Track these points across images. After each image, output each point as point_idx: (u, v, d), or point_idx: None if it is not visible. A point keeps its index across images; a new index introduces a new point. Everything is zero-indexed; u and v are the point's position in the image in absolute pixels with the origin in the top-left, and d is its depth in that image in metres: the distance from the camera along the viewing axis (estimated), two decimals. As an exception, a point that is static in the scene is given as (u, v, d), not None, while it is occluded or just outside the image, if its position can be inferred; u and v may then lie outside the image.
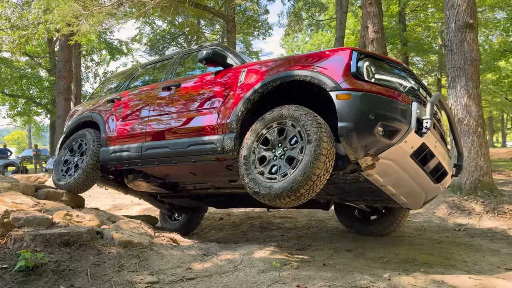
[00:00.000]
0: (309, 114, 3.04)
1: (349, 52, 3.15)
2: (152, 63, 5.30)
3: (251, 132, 3.34)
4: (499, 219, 4.85)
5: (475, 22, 5.82)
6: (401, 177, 3.32)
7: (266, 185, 3.06)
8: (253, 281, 2.85)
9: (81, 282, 2.73)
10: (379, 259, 3.48)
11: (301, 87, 3.36)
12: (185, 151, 3.80)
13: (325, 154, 2.89)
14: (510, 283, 2.89)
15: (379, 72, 3.14)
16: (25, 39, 11.98)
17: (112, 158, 4.46)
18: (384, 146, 2.96)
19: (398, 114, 2.96)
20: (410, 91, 3.23)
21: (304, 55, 3.43)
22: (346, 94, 2.96)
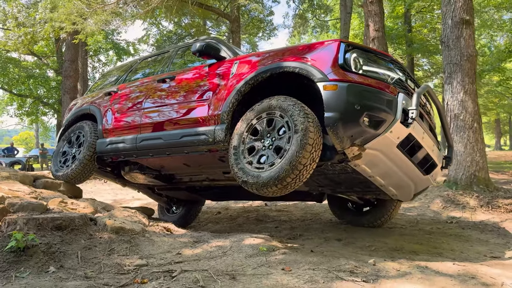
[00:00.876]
0: (297, 105, 3.09)
1: (337, 43, 3.20)
2: (150, 56, 5.38)
3: (241, 122, 3.40)
4: (493, 213, 4.86)
5: (471, 18, 5.85)
6: (388, 168, 3.36)
7: (254, 174, 3.12)
8: (239, 264, 2.91)
9: (71, 263, 2.80)
10: (368, 247, 3.52)
11: (292, 79, 3.40)
12: (178, 142, 3.87)
13: (311, 144, 2.94)
14: (493, 269, 2.92)
15: (367, 63, 3.20)
16: (30, 36, 12.14)
17: (108, 150, 4.55)
18: (370, 136, 3.01)
19: (383, 104, 3.00)
20: (397, 83, 3.27)
21: (294, 47, 3.50)
22: (333, 85, 3.01)
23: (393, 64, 3.42)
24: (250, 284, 2.47)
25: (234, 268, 2.78)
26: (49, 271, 2.64)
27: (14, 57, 25.06)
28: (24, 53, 20.00)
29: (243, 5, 15.82)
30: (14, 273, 2.55)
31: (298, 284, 2.49)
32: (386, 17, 23.48)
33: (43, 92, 27.42)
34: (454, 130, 5.86)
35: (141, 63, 5.37)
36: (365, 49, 3.35)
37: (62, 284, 2.44)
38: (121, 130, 4.52)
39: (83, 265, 2.80)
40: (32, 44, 22.21)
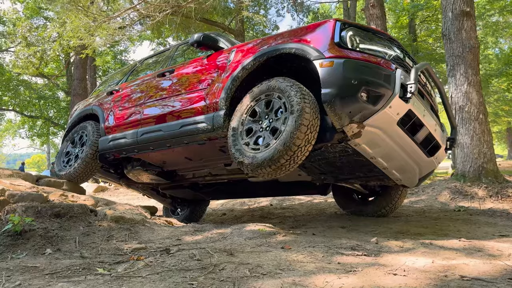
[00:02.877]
0: (295, 86, 3.06)
1: (333, 22, 3.20)
2: (150, 56, 5.46)
3: (240, 105, 3.40)
4: (503, 202, 4.74)
5: (472, 10, 5.82)
6: (390, 148, 3.29)
7: (250, 155, 3.11)
8: (238, 244, 2.86)
9: (69, 247, 2.77)
10: (371, 232, 3.44)
11: (291, 61, 3.40)
12: (178, 132, 3.86)
13: (307, 124, 2.90)
14: (500, 244, 2.83)
15: (364, 41, 3.18)
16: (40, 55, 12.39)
17: (110, 146, 4.57)
18: (368, 112, 2.95)
19: (381, 79, 2.96)
20: (395, 59, 3.23)
21: (291, 30, 3.49)
22: (329, 62, 2.99)
23: (390, 42, 3.40)
24: (248, 259, 2.41)
25: (232, 247, 2.73)
26: (46, 253, 2.62)
27: (25, 79, 25.59)
28: (33, 74, 20.37)
29: (247, 17, 15.98)
30: (10, 254, 2.53)
31: (297, 258, 2.44)
32: (390, 28, 23.68)
33: (53, 113, 27.86)
34: (460, 122, 5.77)
35: (142, 64, 5.45)
36: (362, 27, 3.34)
37: (56, 261, 2.41)
38: (122, 126, 4.55)
39: (80, 249, 2.77)
40: (43, 66, 22.75)
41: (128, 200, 9.32)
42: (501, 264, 2.21)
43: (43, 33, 13.64)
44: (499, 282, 1.87)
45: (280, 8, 22.99)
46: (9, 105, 26.48)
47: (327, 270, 2.18)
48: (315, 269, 2.20)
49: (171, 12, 11.86)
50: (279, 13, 28.78)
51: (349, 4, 18.48)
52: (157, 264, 2.31)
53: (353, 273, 2.13)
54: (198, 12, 13.32)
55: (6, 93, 25.21)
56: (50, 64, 25.01)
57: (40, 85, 27.72)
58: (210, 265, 2.24)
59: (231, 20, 18.91)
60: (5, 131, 33.63)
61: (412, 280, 1.96)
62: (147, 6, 11.69)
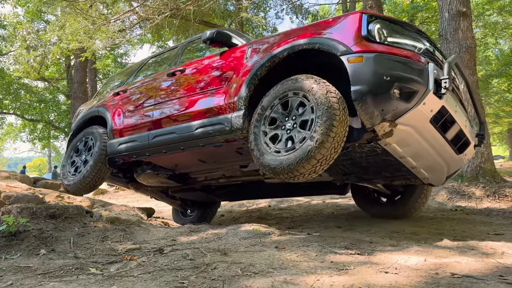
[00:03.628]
0: (321, 84, 2.90)
1: (359, 15, 2.99)
2: (157, 55, 5.23)
3: (261, 106, 3.22)
4: (500, 201, 4.74)
5: (468, 10, 5.83)
6: (421, 146, 3.11)
7: (275, 158, 2.95)
8: (233, 243, 2.87)
9: (63, 248, 2.78)
10: (367, 231, 3.44)
11: (313, 57, 3.22)
12: (193, 134, 3.68)
13: (337, 126, 2.73)
14: (494, 242, 2.83)
15: (392, 34, 2.99)
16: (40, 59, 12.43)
17: (120, 150, 4.38)
18: (402, 110, 2.77)
19: (414, 74, 2.78)
20: (426, 53, 3.06)
21: (311, 24, 3.30)
22: (358, 57, 2.81)
23: (419, 34, 3.19)
24: (241, 258, 2.42)
25: (226, 247, 2.73)
26: (40, 253, 2.63)
27: (25, 82, 25.66)
28: (34, 78, 20.43)
29: (246, 19, 16.02)
30: (4, 255, 2.54)
31: (290, 257, 2.44)
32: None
33: (54, 116, 27.91)
34: (457, 123, 5.74)
35: (149, 62, 5.22)
36: (389, 19, 3.13)
37: (50, 262, 2.42)
38: (132, 129, 4.39)
39: (74, 249, 2.78)
40: (43, 69, 22.83)
41: (128, 202, 9.32)
42: (493, 262, 2.21)
43: (43, 36, 13.67)
44: (489, 280, 1.87)
45: (279, 10, 22.99)
46: (10, 108, 26.54)
47: (319, 269, 2.18)
48: (308, 268, 2.20)
49: (170, 14, 11.88)
50: (278, 15, 28.84)
51: (348, 6, 18.51)
52: (150, 264, 2.31)
53: (345, 271, 2.13)
54: (197, 14, 13.35)
55: (7, 97, 25.27)
56: (50, 68, 25.11)
57: (41, 88, 27.80)
58: (202, 265, 2.24)
59: (231, 22, 18.97)
60: (6, 135, 33.67)
61: (403, 278, 1.96)
62: (146, 8, 11.73)
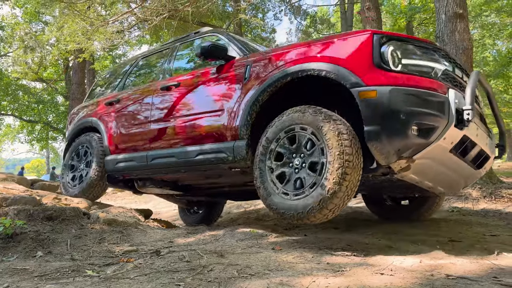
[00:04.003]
0: (331, 123, 2.62)
1: (369, 36, 2.69)
2: (148, 54, 5.02)
3: (265, 139, 2.99)
4: (496, 202, 4.75)
5: (464, 11, 5.86)
6: (439, 172, 2.95)
7: (286, 203, 2.77)
8: (230, 245, 2.88)
9: (60, 250, 2.78)
10: (364, 232, 3.45)
11: (320, 81, 2.93)
12: (193, 160, 3.54)
13: (350, 172, 2.52)
14: (490, 243, 2.84)
15: (407, 56, 2.68)
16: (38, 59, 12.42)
17: (118, 169, 4.30)
18: (420, 147, 2.56)
19: (434, 108, 2.51)
20: (445, 75, 2.77)
21: (317, 42, 3.00)
22: (371, 91, 2.53)
23: (436, 52, 2.85)
24: (237, 260, 2.43)
25: (223, 249, 2.74)
26: (37, 255, 2.63)
27: (24, 84, 25.64)
28: (32, 79, 20.41)
29: (244, 20, 16.03)
30: (0, 257, 2.54)
31: (287, 259, 2.45)
32: (388, 30, 23.73)
33: (52, 117, 27.89)
34: (454, 124, 5.74)
35: (140, 62, 5.03)
36: (403, 38, 2.78)
37: (46, 264, 2.42)
38: (129, 147, 4.27)
39: (71, 251, 2.78)
40: (42, 70, 22.83)
41: (126, 204, 9.32)
42: (487, 263, 2.23)
43: (41, 36, 13.66)
44: (483, 281, 1.88)
45: (277, 11, 23.02)
46: (8, 109, 26.49)
47: (315, 270, 2.19)
48: (304, 270, 2.21)
49: (168, 15, 11.89)
50: (276, 16, 28.82)
51: (346, 7, 18.56)
52: (146, 265, 2.32)
53: (340, 273, 2.14)
54: (195, 15, 13.36)
55: (5, 98, 25.23)
56: (49, 69, 25.09)
57: (39, 89, 27.76)
58: (198, 266, 2.25)
59: (229, 23, 18.97)
60: (4, 136, 33.64)
61: (398, 280, 1.97)
62: (144, 10, 11.74)
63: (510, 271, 2.05)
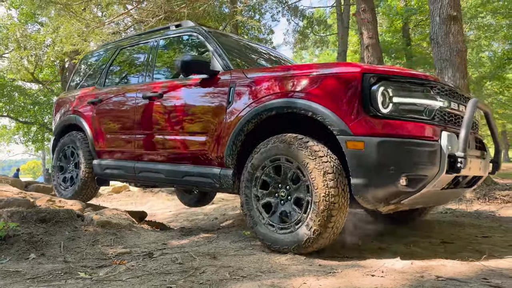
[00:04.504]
0: (317, 160, 2.53)
1: (359, 75, 2.50)
2: (129, 45, 4.70)
3: (250, 165, 2.89)
4: (490, 204, 4.78)
5: (458, 14, 5.89)
6: (429, 200, 2.90)
7: (271, 236, 2.73)
8: (223, 247, 2.88)
9: (53, 252, 2.78)
10: (357, 234, 3.45)
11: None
12: (181, 180, 3.52)
13: (336, 214, 2.48)
14: (482, 245, 2.86)
15: (398, 94, 2.49)
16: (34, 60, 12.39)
17: (107, 174, 4.31)
18: (408, 195, 2.47)
19: (425, 158, 2.38)
20: (439, 114, 2.55)
21: (304, 73, 2.78)
22: (358, 142, 2.42)
23: (432, 89, 2.57)
24: (230, 262, 2.43)
25: (216, 251, 2.75)
26: (29, 257, 2.63)
27: (19, 85, 25.55)
28: (28, 80, 20.35)
29: (241, 22, 16.04)
30: (-7, 260, 2.54)
31: (279, 260, 2.46)
32: (384, 32, 23.82)
33: (48, 119, 27.81)
34: (448, 126, 5.78)
35: (121, 52, 4.77)
36: (395, 76, 2.55)
37: (39, 266, 2.42)
38: (115, 154, 4.24)
39: (64, 253, 2.78)
40: (37, 72, 22.77)
41: (122, 205, 9.30)
42: (477, 264, 2.24)
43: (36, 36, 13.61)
44: (472, 282, 1.90)
45: (275, 12, 23.05)
46: (4, 111, 26.39)
47: (307, 272, 2.20)
48: (296, 271, 2.22)
49: (164, 17, 11.89)
50: (274, 17, 28.90)
51: (342, 8, 18.59)
52: (139, 268, 2.33)
53: (332, 274, 2.16)
54: (192, 17, 13.36)
55: (1, 99, 25.13)
56: (45, 70, 25.03)
57: (35, 90, 27.68)
58: (191, 269, 2.26)
59: (225, 25, 18.98)
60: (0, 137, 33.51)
61: (389, 281, 1.99)
62: (140, 11, 11.73)
63: (500, 273, 2.07)
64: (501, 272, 2.08)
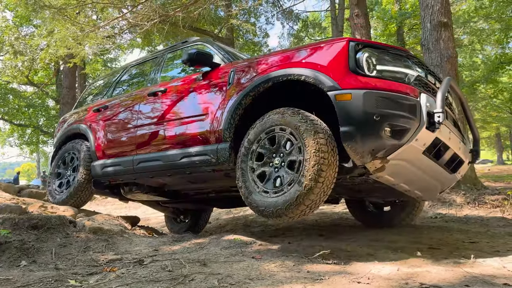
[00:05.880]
0: (308, 122, 2.77)
1: (345, 44, 2.85)
2: (137, 63, 5.12)
3: (247, 140, 3.12)
4: (479, 208, 4.84)
5: (449, 20, 5.97)
6: (414, 174, 3.05)
7: (265, 201, 2.89)
8: (214, 254, 2.91)
9: (44, 259, 2.80)
10: (347, 239, 3.50)
11: (300, 86, 3.09)
12: (178, 163, 3.63)
13: (326, 169, 2.64)
14: (468, 250, 2.91)
15: (381, 62, 2.84)
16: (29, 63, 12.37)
17: (104, 173, 4.37)
18: (393, 148, 2.69)
19: (406, 111, 2.66)
20: (417, 81, 2.92)
21: (297, 49, 3.17)
22: (346, 94, 2.68)
23: (409, 59, 3.01)
24: (219, 269, 2.46)
25: (207, 257, 2.77)
26: (21, 265, 2.64)
27: (14, 87, 25.46)
28: (22, 83, 20.30)
29: (236, 25, 16.10)
30: (-16, 267, 2.56)
31: (268, 267, 2.49)
32: (379, 36, 23.96)
33: (43, 121, 27.74)
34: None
35: (129, 71, 5.15)
36: (377, 46, 2.97)
37: (30, 273, 2.44)
38: (116, 152, 4.34)
39: (56, 260, 2.79)
40: (32, 74, 22.70)
41: (116, 209, 9.32)
42: (461, 271, 2.29)
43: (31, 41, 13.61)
44: (455, 289, 1.94)
45: (269, 16, 23.13)
46: (-2, 113, 26.30)
47: (295, 279, 2.23)
48: (284, 278, 2.26)
49: (159, 20, 11.93)
50: (268, 21, 28.90)
51: (337, 12, 18.70)
52: (129, 275, 2.35)
53: (319, 281, 2.19)
54: (187, 21, 13.40)
55: (-5, 102, 25.07)
56: (39, 72, 24.97)
57: (30, 93, 27.59)
58: (180, 276, 2.28)
59: (221, 28, 19.02)
60: (-6, 140, 33.34)
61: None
62: (135, 15, 11.75)
63: (482, 279, 2.11)
64: (483, 278, 2.13)
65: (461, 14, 17.89)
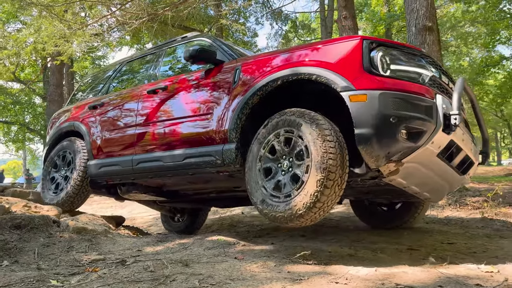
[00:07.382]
0: (315, 123, 2.68)
1: (359, 42, 2.74)
2: (135, 58, 4.91)
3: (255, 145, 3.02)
4: (460, 210, 4.94)
5: (434, 25, 6.07)
6: (426, 176, 2.99)
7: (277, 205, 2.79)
8: (196, 254, 2.94)
9: (27, 259, 2.80)
10: (329, 240, 3.56)
11: (312, 85, 2.97)
12: (181, 164, 3.49)
13: (333, 178, 2.54)
14: (446, 252, 2.98)
15: (395, 62, 2.74)
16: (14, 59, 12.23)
17: (101, 173, 4.22)
18: (409, 151, 2.61)
19: (422, 112, 2.57)
20: (432, 81, 2.83)
21: (307, 46, 3.07)
22: (361, 95, 2.59)
23: (423, 59, 2.93)
24: (201, 269, 2.49)
25: (189, 258, 2.80)
26: (2, 265, 2.64)
27: (0, 84, 25.12)
28: (9, 79, 20.04)
29: (225, 25, 16.11)
30: (-35, 267, 2.55)
31: (250, 268, 2.53)
32: (368, 37, 24.15)
33: (29, 119, 27.43)
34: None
35: (126, 66, 4.93)
36: (391, 44, 2.87)
37: (11, 273, 2.44)
38: (113, 151, 4.19)
39: (38, 260, 2.80)
40: (19, 71, 22.43)
41: (101, 208, 9.27)
42: (436, 272, 2.35)
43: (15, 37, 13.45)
44: (428, 290, 2.00)
45: (259, 16, 23.17)
46: (-17, 111, 25.93)
47: (275, 280, 2.27)
48: (264, 279, 2.29)
49: (148, 19, 11.88)
50: (258, 21, 28.93)
51: (326, 14, 18.82)
52: (110, 275, 2.37)
53: (298, 282, 2.23)
54: (176, 19, 13.39)
55: (-20, 99, 24.72)
56: (26, 69, 24.68)
57: (16, 90, 27.24)
58: (162, 277, 2.31)
59: (210, 27, 19.00)
60: (-21, 137, 32.84)
61: (351, 289, 2.08)
62: (124, 13, 11.70)
63: (456, 280, 2.18)
64: (457, 279, 2.19)
65: (448, 18, 18.15)
